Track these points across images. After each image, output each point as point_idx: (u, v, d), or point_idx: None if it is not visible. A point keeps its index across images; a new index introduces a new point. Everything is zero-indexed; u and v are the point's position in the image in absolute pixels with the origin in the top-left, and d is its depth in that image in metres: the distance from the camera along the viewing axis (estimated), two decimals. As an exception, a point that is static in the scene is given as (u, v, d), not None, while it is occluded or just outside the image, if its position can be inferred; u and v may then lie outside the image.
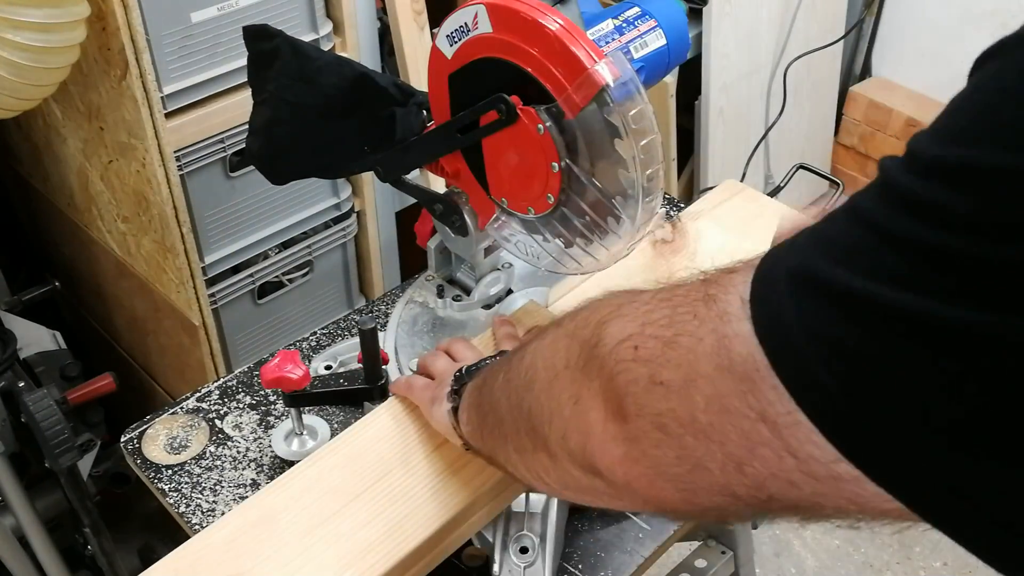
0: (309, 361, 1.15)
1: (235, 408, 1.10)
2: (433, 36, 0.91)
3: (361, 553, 0.80)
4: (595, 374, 0.54)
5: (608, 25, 0.96)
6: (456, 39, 0.87)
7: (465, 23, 0.86)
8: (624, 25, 0.96)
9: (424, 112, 0.98)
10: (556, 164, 0.84)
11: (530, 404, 0.63)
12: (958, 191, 0.37)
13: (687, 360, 0.47)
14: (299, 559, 0.79)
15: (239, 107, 1.53)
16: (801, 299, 0.41)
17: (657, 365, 0.49)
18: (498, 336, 0.98)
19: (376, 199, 1.84)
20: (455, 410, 0.81)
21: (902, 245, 0.38)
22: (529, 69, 0.82)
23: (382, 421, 0.92)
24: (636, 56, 0.96)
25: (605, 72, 0.79)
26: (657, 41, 0.98)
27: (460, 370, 0.82)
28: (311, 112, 0.98)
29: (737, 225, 1.19)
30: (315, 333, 1.20)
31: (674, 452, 0.48)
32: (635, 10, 0.97)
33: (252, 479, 1.02)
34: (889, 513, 0.41)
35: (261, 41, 0.97)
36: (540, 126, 0.83)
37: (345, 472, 0.87)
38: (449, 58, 0.89)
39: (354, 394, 1.00)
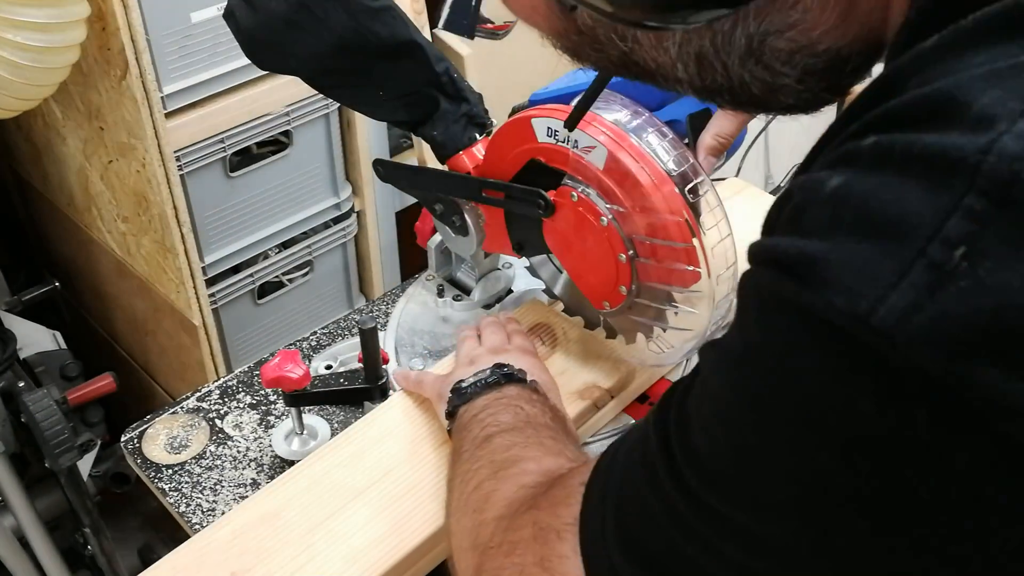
0: (309, 361, 1.15)
1: (235, 408, 1.10)
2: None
3: (364, 550, 0.80)
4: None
5: None
6: (556, 139, 0.85)
7: (577, 141, 0.83)
8: None
9: (476, 132, 0.96)
10: (623, 255, 0.84)
11: (451, 528, 0.74)
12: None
13: None
14: (303, 556, 0.80)
15: (239, 107, 1.53)
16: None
17: None
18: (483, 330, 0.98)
19: (376, 199, 1.84)
20: (451, 432, 0.84)
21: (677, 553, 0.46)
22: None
23: (386, 418, 0.92)
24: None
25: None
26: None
27: (456, 387, 0.84)
28: (330, 37, 0.90)
29: (741, 222, 1.20)
30: (315, 333, 1.20)
31: None
32: None
33: (252, 479, 1.02)
34: None
35: None
36: (603, 219, 0.83)
37: (348, 469, 0.87)
38: (538, 144, 0.87)
39: (354, 394, 1.00)
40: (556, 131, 0.85)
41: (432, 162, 1.08)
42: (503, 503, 0.66)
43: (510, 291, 1.12)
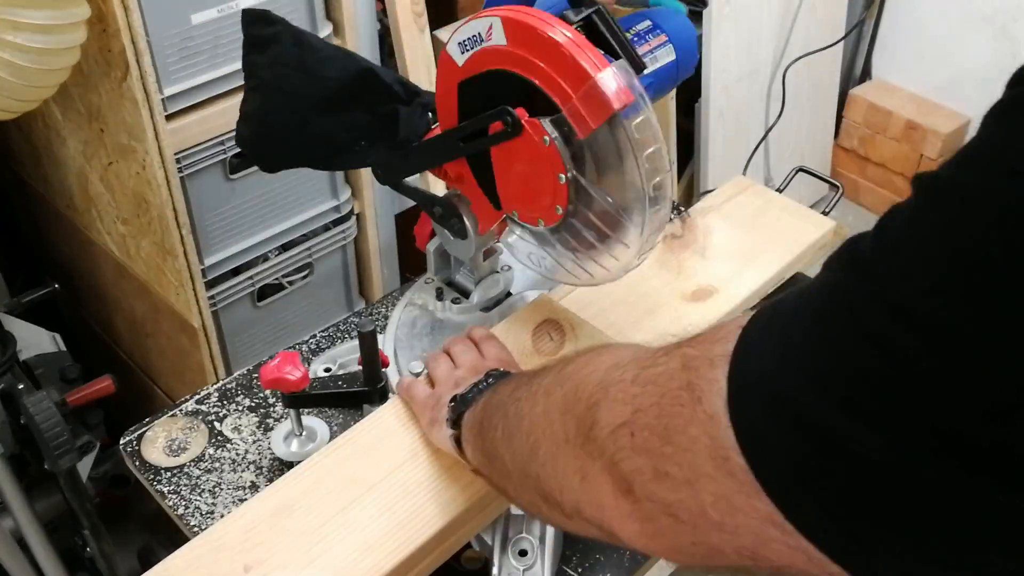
0: (309, 363, 1.15)
1: (234, 410, 1.10)
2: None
3: (377, 542, 0.81)
4: (596, 455, 0.55)
5: None
6: (468, 48, 0.87)
7: (479, 33, 0.86)
8: (635, 38, 0.96)
9: (429, 114, 0.98)
10: (563, 175, 0.84)
11: (537, 472, 0.64)
12: (924, 342, 0.39)
13: (688, 459, 0.48)
14: (316, 548, 0.80)
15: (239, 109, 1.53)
16: (781, 428, 0.44)
17: (658, 458, 0.50)
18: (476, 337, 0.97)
19: (375, 201, 1.84)
20: (457, 439, 0.81)
21: (868, 378, 0.41)
22: (536, 81, 0.82)
23: (393, 414, 0.93)
24: (646, 70, 0.96)
25: (616, 99, 0.79)
26: (667, 56, 0.97)
27: (455, 397, 0.82)
28: (307, 102, 0.97)
29: (745, 220, 1.21)
30: (315, 335, 1.20)
31: (689, 537, 0.49)
32: (646, 23, 0.97)
33: (251, 481, 1.02)
34: None
35: (260, 26, 0.97)
36: (546, 138, 0.83)
37: (360, 463, 0.87)
38: (460, 66, 0.89)
39: (353, 396, 1.00)
40: (464, 41, 0.87)
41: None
42: (601, 378, 0.57)
43: (509, 294, 1.12)
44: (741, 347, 0.47)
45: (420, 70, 1.71)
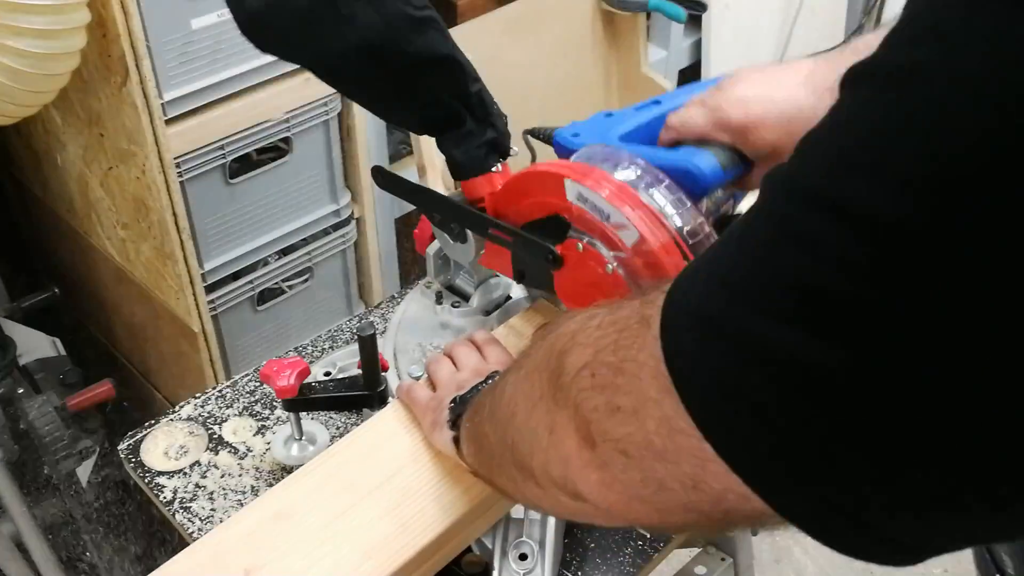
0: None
1: (234, 415, 1.10)
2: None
3: (377, 547, 0.81)
4: (563, 403, 0.55)
5: None
6: (586, 206, 0.85)
7: (610, 215, 0.83)
8: None
9: (498, 159, 0.95)
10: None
11: (513, 437, 0.64)
12: (836, 227, 0.38)
13: (635, 385, 0.48)
14: (316, 552, 0.80)
15: (239, 113, 1.54)
16: (699, 340, 0.43)
17: (611, 392, 0.50)
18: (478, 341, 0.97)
19: (375, 206, 1.84)
20: (456, 440, 0.81)
21: (784, 279, 0.40)
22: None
23: (393, 418, 0.93)
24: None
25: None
26: None
27: (455, 399, 0.82)
28: (357, 40, 0.84)
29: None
30: (314, 339, 1.20)
31: (639, 475, 0.49)
32: None
33: (251, 485, 1.02)
34: None
35: None
36: (609, 266, 0.83)
37: (360, 467, 0.87)
38: (566, 202, 0.86)
39: (353, 400, 1.00)
40: (587, 198, 0.85)
41: (434, 171, 1.08)
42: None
43: (508, 297, 1.12)
44: (681, 272, 0.48)
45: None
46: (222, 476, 1.03)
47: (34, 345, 1.75)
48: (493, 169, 0.95)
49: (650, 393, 0.46)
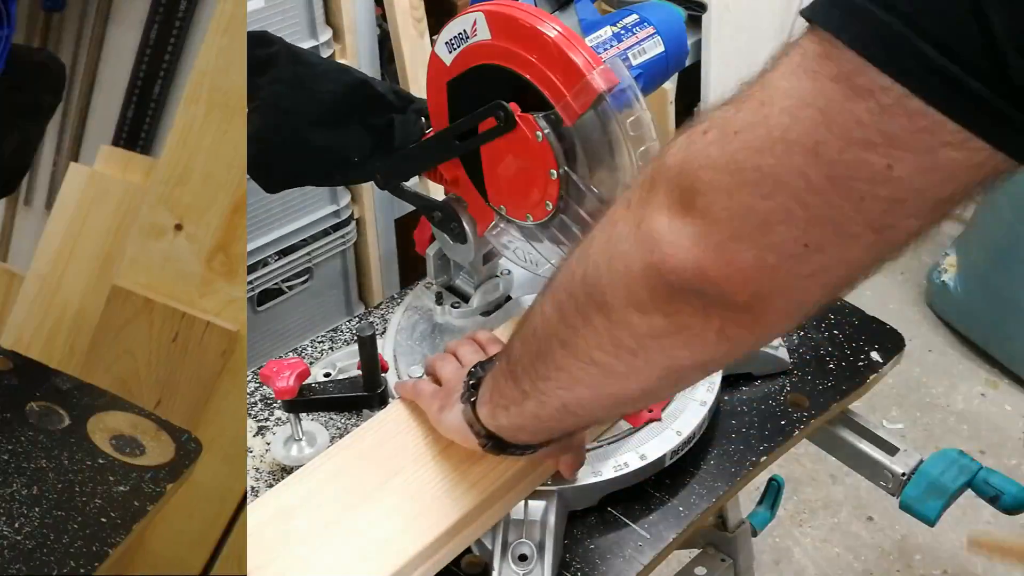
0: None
1: (234, 415, 1.10)
2: (432, 43, 0.91)
3: (378, 547, 0.81)
4: (660, 182, 0.56)
5: (606, 32, 0.96)
6: (455, 46, 0.88)
7: (464, 30, 0.86)
8: (622, 32, 0.96)
9: (423, 119, 0.98)
10: (554, 171, 0.84)
11: (584, 270, 0.64)
12: None
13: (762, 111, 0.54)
14: (316, 553, 0.80)
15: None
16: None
17: (729, 124, 0.54)
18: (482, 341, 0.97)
19: (375, 206, 1.84)
20: (473, 404, 0.80)
21: None
22: (527, 76, 0.83)
23: (393, 418, 0.92)
24: (634, 63, 0.96)
25: (602, 79, 0.79)
26: (655, 48, 0.98)
27: (475, 366, 0.82)
28: (304, 120, 0.98)
29: None
30: (314, 340, 1.20)
31: (750, 195, 0.52)
32: (633, 17, 0.98)
33: (251, 486, 1.02)
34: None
35: (258, 47, 0.97)
36: (539, 133, 0.83)
37: (360, 467, 0.87)
38: (448, 65, 0.89)
39: (353, 401, 1.00)
40: (450, 40, 0.88)
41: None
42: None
43: (509, 298, 1.12)
44: None
45: (420, 75, 1.70)
46: (222, 477, 1.03)
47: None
48: (428, 131, 0.98)
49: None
